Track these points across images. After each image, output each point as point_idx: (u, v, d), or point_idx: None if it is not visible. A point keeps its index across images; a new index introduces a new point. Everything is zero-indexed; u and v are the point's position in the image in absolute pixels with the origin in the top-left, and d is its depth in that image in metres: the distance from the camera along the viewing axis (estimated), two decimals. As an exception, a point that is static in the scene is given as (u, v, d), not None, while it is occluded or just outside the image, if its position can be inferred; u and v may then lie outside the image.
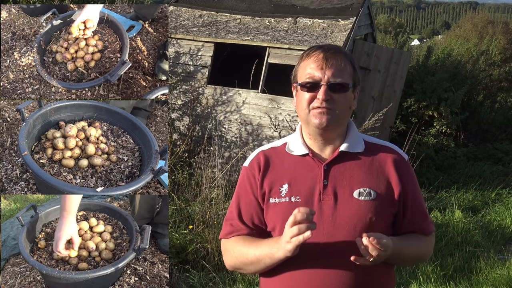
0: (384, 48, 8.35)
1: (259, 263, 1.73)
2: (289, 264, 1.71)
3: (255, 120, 6.67)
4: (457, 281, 4.63)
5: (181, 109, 6.93)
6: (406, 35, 14.63)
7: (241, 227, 1.80)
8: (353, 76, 1.75)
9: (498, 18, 26.85)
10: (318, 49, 1.75)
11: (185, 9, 7.55)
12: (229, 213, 1.86)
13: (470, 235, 5.70)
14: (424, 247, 1.83)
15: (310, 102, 1.72)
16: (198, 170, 5.59)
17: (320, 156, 1.78)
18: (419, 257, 1.87)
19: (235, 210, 1.83)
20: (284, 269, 1.73)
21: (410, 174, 1.81)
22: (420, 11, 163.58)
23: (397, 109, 8.38)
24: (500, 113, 11.31)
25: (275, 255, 1.67)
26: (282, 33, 6.79)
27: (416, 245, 1.79)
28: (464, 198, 7.25)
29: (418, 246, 1.80)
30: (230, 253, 1.82)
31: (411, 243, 1.78)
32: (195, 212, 5.00)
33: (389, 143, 1.87)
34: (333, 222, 1.70)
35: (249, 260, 1.75)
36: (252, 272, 1.81)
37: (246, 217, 1.80)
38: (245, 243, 1.77)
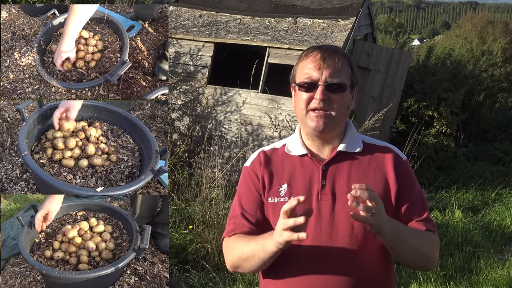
0: (384, 48, 8.35)
1: (254, 257, 1.70)
2: (288, 264, 1.71)
3: (255, 120, 6.67)
4: (457, 281, 4.63)
5: (181, 109, 6.93)
6: (406, 35, 14.61)
7: (244, 223, 1.79)
8: (351, 76, 1.76)
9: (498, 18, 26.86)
10: (316, 50, 1.75)
11: (185, 9, 7.55)
12: (232, 211, 1.85)
13: (470, 235, 5.70)
14: (426, 239, 1.74)
15: (308, 103, 1.72)
16: (198, 170, 5.60)
17: (319, 156, 1.79)
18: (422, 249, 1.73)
19: (238, 208, 1.82)
20: (283, 269, 1.73)
21: (408, 174, 1.80)
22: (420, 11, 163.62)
23: (397, 109, 8.38)
24: (500, 113, 11.32)
25: (267, 247, 1.64)
26: (282, 33, 6.80)
27: (416, 233, 1.72)
28: (464, 198, 7.25)
29: (419, 235, 1.72)
30: (229, 251, 1.81)
31: (411, 229, 1.72)
32: (195, 212, 5.00)
33: (388, 144, 1.87)
34: (331, 222, 1.70)
35: (245, 255, 1.73)
36: (250, 269, 1.77)
37: (249, 213, 1.79)
38: (243, 240, 1.76)
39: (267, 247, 1.64)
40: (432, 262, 1.80)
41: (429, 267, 1.83)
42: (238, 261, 1.77)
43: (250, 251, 1.71)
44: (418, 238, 1.73)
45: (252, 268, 1.75)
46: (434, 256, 1.79)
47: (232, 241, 1.80)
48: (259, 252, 1.68)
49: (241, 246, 1.74)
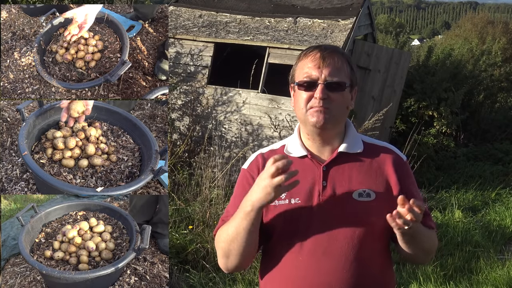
0: (384, 48, 8.35)
1: (239, 234, 1.66)
2: (288, 264, 1.71)
3: (255, 120, 6.67)
4: (457, 281, 4.63)
5: (181, 109, 6.93)
6: (406, 35, 14.63)
7: None
8: (350, 76, 1.76)
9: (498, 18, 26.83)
10: (315, 49, 1.75)
11: (185, 9, 7.55)
12: (226, 212, 1.83)
13: (470, 235, 5.70)
14: (432, 236, 1.80)
15: (307, 102, 1.72)
16: (198, 170, 5.60)
17: (319, 158, 1.78)
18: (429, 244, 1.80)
19: (232, 210, 1.81)
20: (284, 268, 1.73)
21: (408, 174, 1.81)
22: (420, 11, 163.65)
23: (397, 109, 8.38)
24: (500, 113, 11.31)
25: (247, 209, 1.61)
26: (282, 33, 6.80)
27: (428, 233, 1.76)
28: (464, 198, 7.25)
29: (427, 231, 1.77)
30: (218, 243, 1.77)
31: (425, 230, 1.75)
32: (195, 212, 5.00)
33: (388, 144, 1.87)
34: (333, 223, 1.70)
35: (230, 235, 1.68)
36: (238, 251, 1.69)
37: None
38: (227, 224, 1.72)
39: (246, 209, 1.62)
40: (430, 256, 1.90)
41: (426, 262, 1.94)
42: (226, 246, 1.71)
43: (234, 227, 1.67)
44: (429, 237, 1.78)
45: (241, 248, 1.68)
46: (433, 251, 1.88)
47: (218, 233, 1.77)
48: (242, 222, 1.64)
49: (225, 229, 1.72)
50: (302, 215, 1.71)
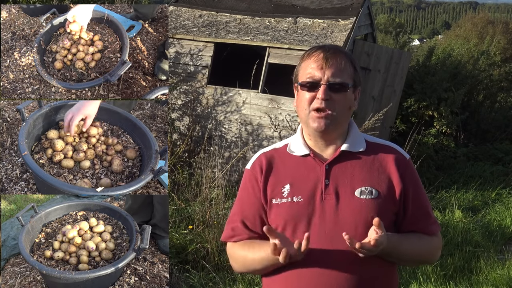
0: (384, 48, 8.35)
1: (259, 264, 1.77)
2: (291, 264, 1.70)
3: (255, 120, 6.67)
4: (457, 281, 4.63)
5: (181, 109, 6.93)
6: (407, 35, 14.60)
7: (243, 231, 1.82)
8: (353, 76, 1.75)
9: (498, 18, 26.82)
10: (318, 49, 1.75)
11: (185, 9, 7.55)
12: (232, 215, 1.87)
13: (470, 235, 5.70)
14: (426, 247, 1.80)
15: (310, 102, 1.73)
16: (198, 170, 5.59)
17: (322, 156, 1.78)
18: (421, 256, 1.83)
19: (238, 214, 1.84)
20: (286, 269, 1.73)
21: (411, 173, 1.81)
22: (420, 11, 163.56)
23: (397, 109, 8.38)
24: (500, 113, 11.29)
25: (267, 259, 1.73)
26: (282, 33, 6.79)
27: (416, 244, 1.77)
28: (464, 198, 7.25)
29: (419, 244, 1.78)
30: (234, 259, 1.87)
31: (410, 241, 1.76)
32: (195, 212, 5.00)
33: (391, 143, 1.87)
34: (335, 221, 1.71)
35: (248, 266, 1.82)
36: (260, 273, 1.84)
37: (249, 221, 1.81)
38: (244, 248, 1.81)
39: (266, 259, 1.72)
40: (431, 262, 1.92)
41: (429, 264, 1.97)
42: (245, 269, 1.86)
43: (254, 259, 1.78)
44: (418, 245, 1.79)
45: (260, 272, 1.82)
46: (434, 256, 1.87)
47: (234, 249, 1.85)
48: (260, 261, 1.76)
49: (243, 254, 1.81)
50: (305, 213, 1.72)
